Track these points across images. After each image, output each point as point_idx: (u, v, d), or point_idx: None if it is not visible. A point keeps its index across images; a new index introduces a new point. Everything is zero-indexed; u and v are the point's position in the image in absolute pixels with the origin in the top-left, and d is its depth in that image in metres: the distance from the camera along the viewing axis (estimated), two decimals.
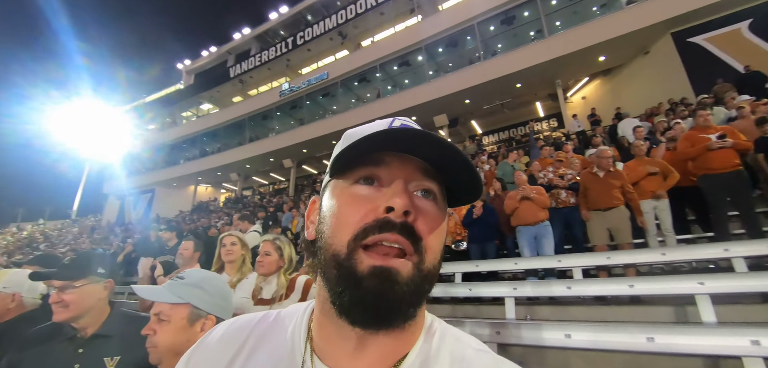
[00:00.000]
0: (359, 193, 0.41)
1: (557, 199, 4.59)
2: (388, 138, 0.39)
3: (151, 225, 13.64)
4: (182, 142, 21.17)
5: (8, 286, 1.63)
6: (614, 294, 2.90)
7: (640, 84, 11.16)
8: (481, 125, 17.83)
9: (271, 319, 0.50)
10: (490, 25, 13.24)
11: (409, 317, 0.39)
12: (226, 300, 1.12)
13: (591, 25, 10.76)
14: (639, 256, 3.34)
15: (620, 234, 3.89)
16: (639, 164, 4.42)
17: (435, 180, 0.42)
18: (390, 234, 0.37)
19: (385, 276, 0.36)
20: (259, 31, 21.28)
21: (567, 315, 3.26)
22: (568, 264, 3.51)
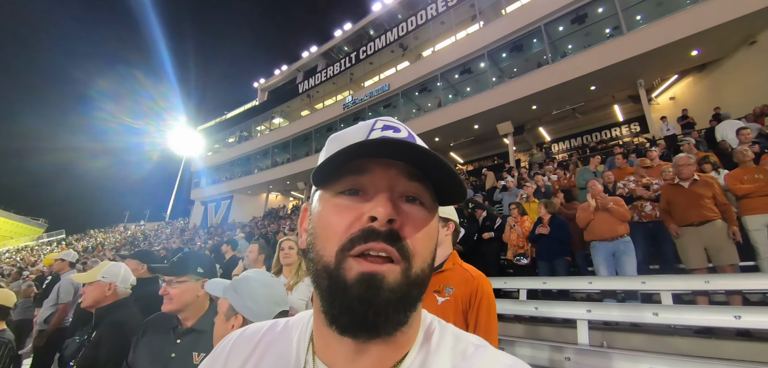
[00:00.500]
0: (344, 204, 0.41)
1: (641, 212, 4.11)
2: (367, 148, 0.38)
3: (230, 230, 15.03)
4: (256, 153, 23.06)
5: (106, 276, 1.92)
6: (714, 325, 2.47)
7: (746, 80, 9.57)
8: (550, 132, 16.73)
9: (280, 327, 0.51)
10: (558, 26, 12.42)
11: (399, 323, 0.38)
12: (257, 303, 1.13)
13: (680, 15, 9.52)
14: (747, 281, 2.82)
15: (720, 254, 3.30)
16: (745, 173, 3.79)
17: (420, 183, 0.42)
18: (375, 244, 0.37)
19: (371, 282, 0.36)
20: (325, 49, 22.53)
21: (653, 345, 2.87)
22: (655, 287, 3.09)
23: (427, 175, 0.42)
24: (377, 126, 0.45)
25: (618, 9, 10.87)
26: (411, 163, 0.41)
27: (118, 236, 30.66)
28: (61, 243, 33.78)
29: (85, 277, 1.93)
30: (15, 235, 46.38)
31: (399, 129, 0.46)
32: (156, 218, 40.86)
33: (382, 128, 0.45)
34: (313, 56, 23.27)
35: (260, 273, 1.24)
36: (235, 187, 23.87)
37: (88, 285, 1.90)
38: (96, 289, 1.89)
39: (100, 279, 1.90)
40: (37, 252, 29.10)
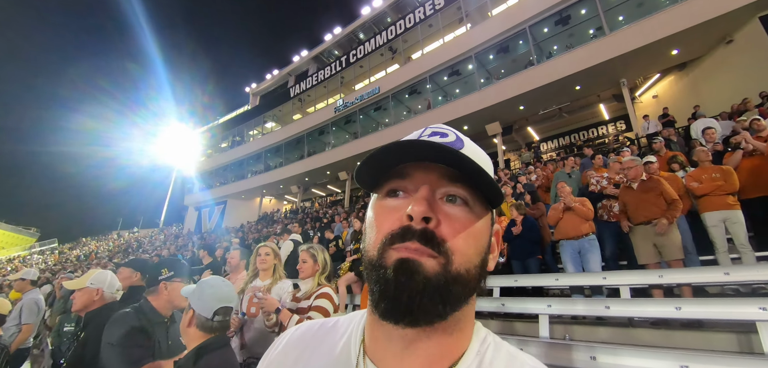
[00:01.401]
0: (387, 205, 0.44)
1: (609, 212, 4.28)
2: (404, 150, 0.41)
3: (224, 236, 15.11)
4: (249, 157, 23.12)
5: (94, 283, 2.10)
6: (660, 316, 2.64)
7: (724, 77, 9.83)
8: (538, 131, 16.96)
9: (330, 325, 0.53)
10: (543, 27, 12.65)
11: (436, 314, 0.39)
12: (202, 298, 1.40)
13: (660, 16, 9.76)
14: (697, 275, 2.99)
15: (666, 250, 3.49)
16: (703, 172, 3.96)
17: (464, 185, 0.43)
18: (411, 242, 0.39)
19: (406, 267, 0.38)
20: (316, 53, 22.69)
21: (613, 337, 3.03)
22: (615, 282, 3.26)
23: (471, 178, 0.42)
24: (426, 133, 0.47)
25: (600, 10, 11.10)
26: (448, 165, 0.42)
27: (112, 244, 30.54)
28: (53, 252, 33.56)
29: (74, 284, 2.12)
30: (6, 245, 45.97)
31: (446, 134, 0.47)
32: (149, 225, 40.73)
33: (430, 134, 0.47)
34: (304, 60, 23.40)
35: (212, 278, 1.50)
36: (228, 192, 23.90)
37: (78, 290, 2.07)
38: (85, 295, 2.08)
39: (88, 286, 2.09)
40: (30, 261, 28.89)
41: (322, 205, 20.69)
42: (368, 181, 0.47)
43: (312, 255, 2.28)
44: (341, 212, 13.54)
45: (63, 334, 3.78)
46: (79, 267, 17.88)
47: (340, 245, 7.01)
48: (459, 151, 0.41)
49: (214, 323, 1.38)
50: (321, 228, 9.97)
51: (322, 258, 2.30)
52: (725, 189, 3.65)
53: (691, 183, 3.86)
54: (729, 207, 3.62)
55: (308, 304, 2.05)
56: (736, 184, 3.64)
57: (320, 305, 2.03)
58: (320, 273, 2.25)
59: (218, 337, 1.39)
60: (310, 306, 2.04)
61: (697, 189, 3.78)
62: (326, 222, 11.78)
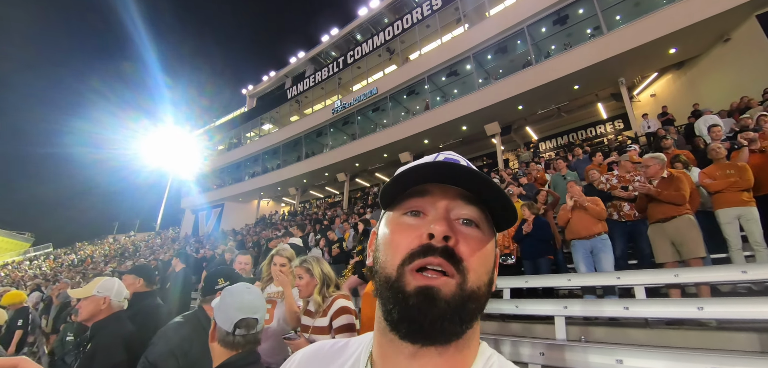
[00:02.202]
0: (406, 222, 0.45)
1: (620, 212, 4.25)
2: (429, 170, 0.44)
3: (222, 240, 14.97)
4: (247, 160, 22.97)
5: (101, 291, 1.99)
6: (679, 316, 2.60)
7: (722, 76, 9.90)
8: (537, 131, 17.00)
9: (340, 346, 0.55)
10: (541, 27, 12.68)
11: (454, 333, 0.41)
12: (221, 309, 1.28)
13: (657, 15, 9.81)
14: (714, 274, 2.96)
15: (684, 248, 3.44)
16: (717, 169, 3.95)
17: (476, 206, 0.45)
18: (433, 258, 0.41)
19: (427, 294, 0.39)
20: (313, 54, 22.59)
21: (628, 338, 3.00)
22: (629, 282, 3.22)
23: (483, 200, 0.46)
24: (439, 158, 0.49)
25: (598, 10, 11.15)
26: (467, 188, 0.45)
27: (108, 248, 30.18)
28: (48, 257, 33.11)
29: (80, 293, 2.01)
30: (0, 251, 45.30)
31: (458, 160, 0.49)
32: (146, 228, 40.27)
33: (444, 159, 0.48)
34: (301, 61, 23.30)
35: (238, 285, 1.35)
36: (226, 195, 23.72)
37: (84, 299, 1.97)
38: (91, 304, 1.97)
39: (95, 294, 1.98)
40: (24, 267, 28.46)
41: (320, 207, 20.60)
42: (387, 200, 0.49)
43: (307, 269, 2.05)
44: (341, 213, 13.46)
45: (66, 344, 3.69)
46: (75, 273, 17.63)
47: (343, 247, 6.94)
48: (481, 173, 0.44)
49: (235, 338, 1.23)
50: (321, 230, 9.88)
51: (319, 270, 2.06)
52: (740, 185, 3.62)
53: (705, 180, 3.84)
54: (744, 203, 3.59)
55: (325, 324, 1.89)
56: (751, 180, 3.62)
57: (344, 324, 1.86)
58: (320, 287, 2.03)
59: (243, 355, 1.25)
60: (332, 328, 1.87)
61: (712, 186, 3.76)
62: (326, 223, 11.68)
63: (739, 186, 3.61)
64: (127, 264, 15.59)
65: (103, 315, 1.99)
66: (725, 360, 1.75)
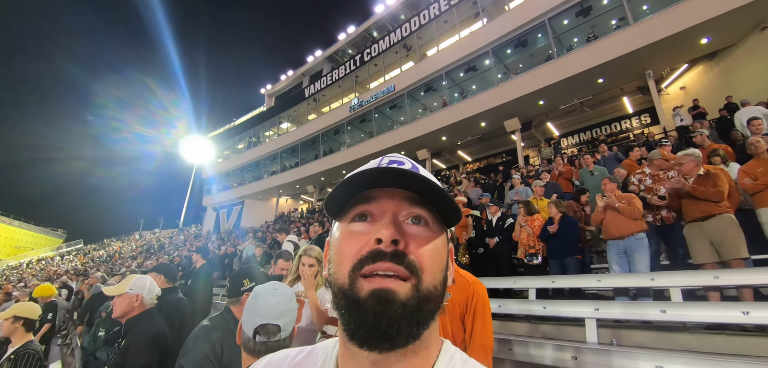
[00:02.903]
0: (354, 230, 0.45)
1: (655, 216, 4.07)
2: (373, 176, 0.44)
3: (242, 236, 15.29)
4: (265, 158, 23.36)
5: (133, 288, 2.07)
6: (722, 321, 2.47)
7: (758, 66, 9.34)
8: (559, 127, 16.58)
9: (306, 352, 0.54)
10: (563, 19, 12.31)
11: (411, 336, 0.41)
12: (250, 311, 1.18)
13: (688, 4, 9.34)
14: (759, 276, 2.79)
15: (724, 249, 3.26)
16: (759, 165, 3.73)
17: (424, 206, 0.45)
18: (382, 263, 0.40)
19: (382, 297, 0.39)
20: (330, 52, 22.71)
21: (663, 342, 2.87)
22: (664, 283, 3.08)
23: (430, 200, 0.45)
24: (383, 162, 0.49)
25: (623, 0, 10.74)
26: (410, 190, 0.45)
27: (134, 244, 31.34)
28: (79, 253, 34.67)
29: (114, 290, 2.09)
30: (35, 246, 47.67)
31: (403, 162, 0.49)
32: (170, 225, 41.62)
33: (388, 163, 0.48)
34: (318, 60, 23.45)
35: (266, 285, 1.26)
36: (245, 193, 24.21)
37: (118, 297, 2.04)
38: (124, 301, 2.05)
39: (127, 292, 2.06)
40: (58, 262, 29.91)
41: None
42: (335, 209, 0.48)
43: (317, 258, 2.13)
44: None
45: (98, 339, 3.84)
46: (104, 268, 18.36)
47: None
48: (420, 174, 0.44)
49: (256, 345, 1.13)
50: None
51: None
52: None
53: (744, 179, 3.64)
54: None
55: None
56: None
57: None
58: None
59: None
60: None
61: (750, 187, 3.55)
62: None
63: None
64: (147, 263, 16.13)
65: (136, 312, 2.07)
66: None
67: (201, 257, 5.57)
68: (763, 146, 3.72)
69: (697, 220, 3.45)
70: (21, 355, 2.24)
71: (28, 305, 2.54)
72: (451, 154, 19.33)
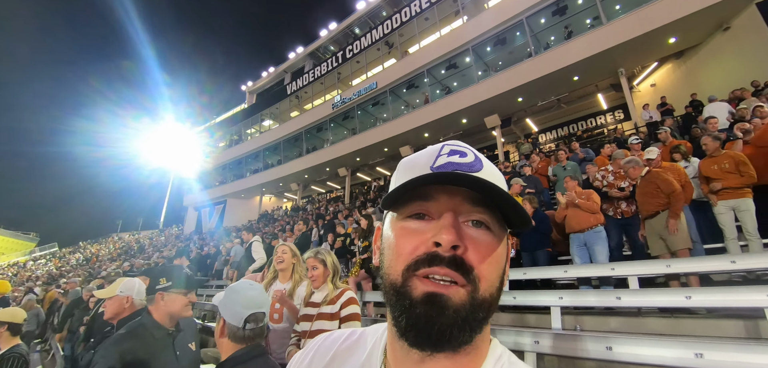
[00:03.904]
0: (411, 227, 0.43)
1: (616, 210, 4.32)
2: (431, 179, 0.41)
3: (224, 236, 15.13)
4: (247, 156, 23.07)
5: (123, 290, 2.13)
6: (669, 305, 2.70)
7: (721, 65, 9.89)
8: (537, 123, 17.01)
9: (356, 337, 0.54)
10: (540, 18, 12.64)
11: (463, 342, 0.39)
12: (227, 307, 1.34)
13: (657, 4, 9.74)
14: (705, 264, 3.05)
15: (669, 241, 3.56)
16: (712, 162, 4.01)
17: (486, 208, 0.42)
18: (439, 268, 0.39)
19: (435, 302, 0.38)
20: (312, 49, 22.57)
21: (623, 326, 3.09)
22: (623, 273, 3.32)
23: (494, 201, 0.42)
24: (444, 151, 0.46)
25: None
26: (478, 190, 0.41)
27: (112, 246, 30.45)
28: (54, 257, 33.45)
29: (105, 293, 2.15)
30: (6, 251, 45.70)
31: (465, 153, 0.46)
32: (149, 226, 40.69)
33: (449, 153, 0.46)
34: (300, 57, 23.28)
35: (239, 283, 1.45)
36: (227, 191, 23.87)
37: (108, 299, 2.11)
38: (115, 303, 2.11)
39: (118, 294, 2.12)
40: (31, 267, 28.80)
41: (322, 202, 20.71)
42: (395, 205, 0.45)
43: (321, 261, 2.24)
44: (343, 208, 13.57)
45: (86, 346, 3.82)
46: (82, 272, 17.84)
47: (346, 243, 7.05)
48: (480, 176, 0.42)
49: (245, 332, 1.30)
50: (326, 225, 9.99)
51: (331, 261, 2.26)
52: (738, 181, 3.69)
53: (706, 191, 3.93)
54: (739, 195, 3.66)
55: (334, 311, 2.03)
56: (754, 174, 3.67)
57: (352, 313, 2.03)
58: (331, 277, 2.22)
59: (252, 347, 1.33)
60: (340, 316, 2.02)
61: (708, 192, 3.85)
62: (329, 218, 11.80)
63: (738, 181, 3.68)
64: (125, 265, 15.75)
65: (126, 314, 2.12)
66: (709, 345, 1.84)
67: (185, 258, 5.61)
68: (711, 146, 3.99)
69: (647, 217, 3.76)
70: (7, 358, 2.27)
71: (12, 310, 2.55)
72: None
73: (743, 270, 3.05)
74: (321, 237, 9.46)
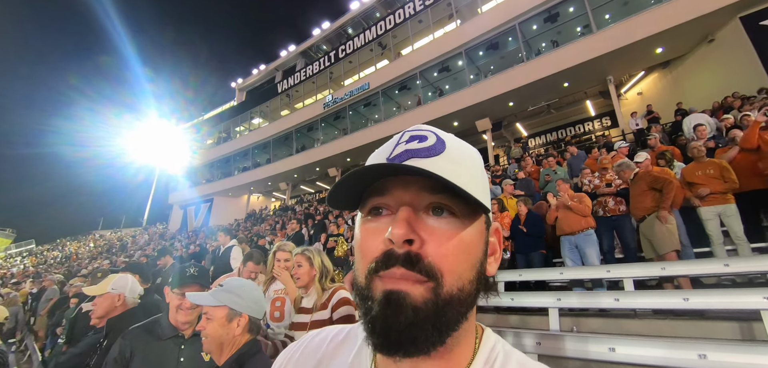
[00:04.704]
0: (370, 226, 0.40)
1: (605, 208, 4.38)
2: (384, 170, 0.38)
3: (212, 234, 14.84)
4: (236, 154, 22.72)
5: (115, 288, 2.01)
6: (667, 307, 2.73)
7: (705, 76, 10.20)
8: (527, 127, 17.22)
9: (345, 333, 0.52)
10: (532, 24, 12.83)
11: (433, 343, 0.36)
12: (257, 303, 1.36)
13: (645, 15, 10.02)
14: (699, 267, 3.10)
15: (656, 245, 3.64)
16: (697, 167, 4.11)
17: (447, 193, 0.38)
18: (395, 268, 0.36)
19: (392, 301, 0.35)
20: (304, 47, 22.39)
21: (618, 328, 3.12)
22: (618, 275, 3.35)
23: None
24: (403, 138, 0.43)
25: (588, 8, 11.33)
26: (434, 178, 0.37)
27: (93, 244, 29.57)
28: (30, 254, 32.33)
29: (95, 290, 2.02)
30: None
31: (425, 136, 0.42)
32: (132, 224, 39.70)
33: (408, 140, 0.42)
34: (292, 55, 23.07)
35: (241, 279, 1.42)
36: (215, 190, 23.45)
37: (99, 297, 1.97)
38: (106, 301, 1.99)
39: (109, 291, 1.99)
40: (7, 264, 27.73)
41: (311, 202, 20.53)
42: (347, 202, 0.43)
43: (308, 258, 2.07)
44: (333, 209, 13.44)
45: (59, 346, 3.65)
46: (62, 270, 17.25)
47: (339, 243, 6.97)
48: (440, 160, 0.39)
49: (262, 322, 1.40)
50: (315, 225, 9.88)
51: (319, 261, 2.09)
52: (722, 186, 3.77)
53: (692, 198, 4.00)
54: (724, 201, 3.75)
55: (326, 316, 1.91)
56: (736, 180, 3.76)
57: (344, 315, 1.90)
58: (319, 278, 2.05)
59: (253, 342, 1.31)
60: (333, 320, 1.91)
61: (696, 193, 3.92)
62: (319, 219, 11.68)
63: (722, 187, 3.76)
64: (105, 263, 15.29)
65: (117, 312, 2.00)
66: (712, 346, 1.85)
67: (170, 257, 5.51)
68: (702, 150, 4.09)
69: (639, 221, 3.88)
70: None
71: None
72: None
73: (735, 273, 3.11)
74: (311, 238, 9.34)
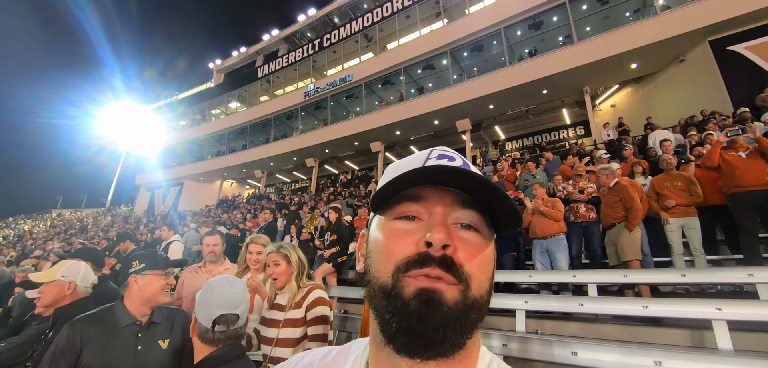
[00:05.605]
0: (400, 228, 0.42)
1: (576, 214, 4.51)
2: (425, 174, 0.41)
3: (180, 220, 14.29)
4: (210, 138, 21.99)
5: (66, 275, 1.83)
6: (627, 314, 2.83)
7: (674, 93, 10.70)
8: (505, 131, 17.55)
9: (334, 354, 0.52)
10: (517, 30, 13.04)
11: (456, 345, 0.38)
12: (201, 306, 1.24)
13: (623, 31, 10.40)
14: (657, 276, 3.24)
15: (621, 252, 3.79)
16: (666, 179, 4.28)
17: (475, 209, 0.42)
18: (431, 269, 0.38)
19: (429, 298, 0.37)
20: (287, 33, 21.85)
21: (580, 332, 3.20)
22: (583, 280, 3.44)
23: (482, 202, 0.42)
24: (433, 155, 0.47)
25: (571, 19, 11.61)
26: (465, 190, 0.41)
27: (50, 223, 27.94)
28: None
29: (43, 276, 1.83)
30: None
31: (454, 158, 0.47)
32: (95, 204, 37.75)
33: (437, 157, 0.46)
34: (275, 40, 22.48)
35: (218, 278, 1.31)
36: (186, 173, 22.62)
37: (46, 284, 1.80)
38: (54, 289, 1.81)
39: (59, 279, 1.82)
40: None
41: (286, 191, 20.18)
42: (380, 202, 0.45)
43: (284, 256, 1.98)
44: (308, 199, 13.25)
45: None
46: (14, 252, 16.19)
47: (314, 236, 6.82)
48: (479, 174, 0.41)
49: (215, 334, 1.19)
50: (287, 215, 9.68)
51: (296, 257, 2.01)
52: (688, 199, 3.95)
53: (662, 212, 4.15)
54: (687, 214, 3.92)
55: (300, 315, 1.83)
56: (701, 194, 3.94)
57: (317, 316, 1.82)
58: (296, 275, 1.98)
59: (226, 350, 1.20)
60: (306, 319, 1.82)
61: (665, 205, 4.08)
62: (293, 209, 11.46)
63: (687, 199, 3.94)
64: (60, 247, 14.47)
65: (66, 302, 1.82)
66: (665, 353, 1.91)
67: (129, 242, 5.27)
68: (674, 162, 4.26)
69: (607, 228, 4.01)
70: None
71: None
72: (404, 149, 19.61)
73: (690, 283, 3.25)
74: (285, 228, 9.14)
